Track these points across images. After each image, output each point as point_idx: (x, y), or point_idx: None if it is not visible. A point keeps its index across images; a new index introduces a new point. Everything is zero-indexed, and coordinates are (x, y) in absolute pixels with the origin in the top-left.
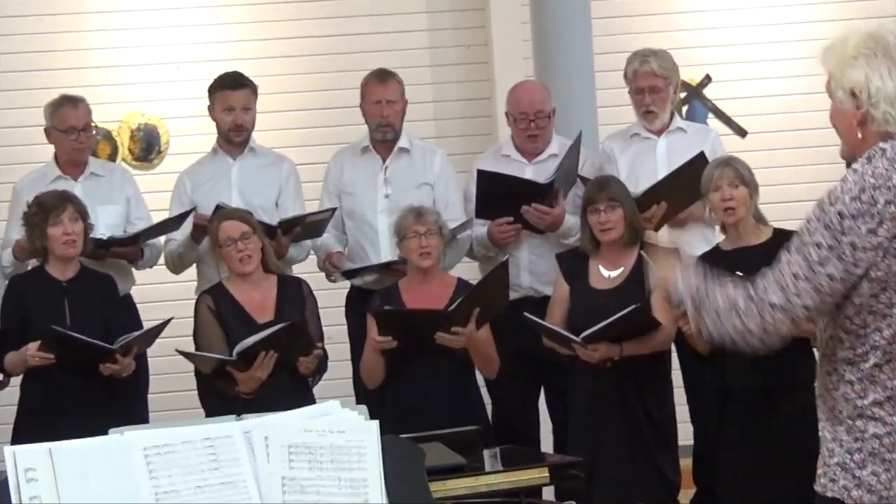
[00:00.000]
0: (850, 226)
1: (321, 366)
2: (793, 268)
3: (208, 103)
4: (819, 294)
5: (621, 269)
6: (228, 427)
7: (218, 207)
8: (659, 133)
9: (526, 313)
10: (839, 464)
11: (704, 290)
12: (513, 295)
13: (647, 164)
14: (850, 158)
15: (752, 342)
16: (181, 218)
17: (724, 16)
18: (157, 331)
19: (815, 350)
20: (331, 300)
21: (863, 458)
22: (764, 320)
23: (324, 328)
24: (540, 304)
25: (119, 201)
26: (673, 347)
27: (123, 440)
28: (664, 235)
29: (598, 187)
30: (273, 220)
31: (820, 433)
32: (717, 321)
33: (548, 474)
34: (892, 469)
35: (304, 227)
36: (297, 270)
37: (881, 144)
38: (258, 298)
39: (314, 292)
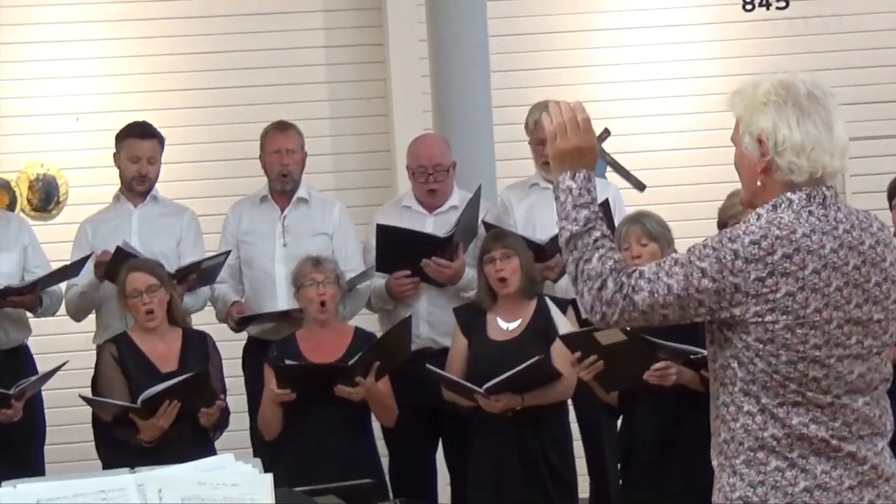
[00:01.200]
0: (740, 267)
1: (223, 420)
2: (671, 279)
3: (114, 150)
4: (683, 313)
5: (519, 320)
6: (122, 480)
7: (118, 249)
8: None
9: (428, 365)
10: (741, 497)
11: (588, 241)
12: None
13: (544, 213)
14: (748, 205)
15: (597, 320)
16: (80, 263)
17: (623, 70)
18: (51, 374)
19: None
20: (227, 352)
21: (765, 492)
22: (622, 316)
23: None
24: (438, 355)
25: (15, 250)
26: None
27: (17, 493)
28: (563, 284)
29: (494, 238)
30: (173, 268)
31: (715, 466)
32: (575, 273)
33: None
34: (795, 502)
35: (200, 274)
36: (196, 322)
37: (788, 195)
38: (162, 349)
39: None
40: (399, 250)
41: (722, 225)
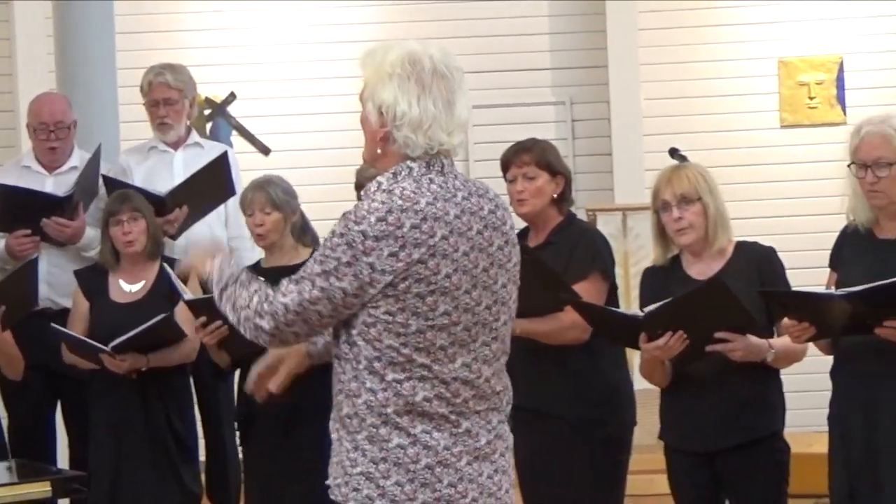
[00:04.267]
0: (371, 246)
1: None
2: (314, 276)
3: None
4: (332, 304)
5: (143, 282)
6: None
7: None
8: (175, 147)
9: (53, 325)
10: (363, 473)
11: (234, 287)
12: None
13: (164, 177)
14: (370, 163)
15: (257, 337)
16: None
17: (249, 34)
18: None
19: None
20: None
21: (388, 469)
22: (277, 321)
23: None
24: (58, 316)
25: None
26: None
27: None
28: (181, 242)
29: (122, 199)
30: None
31: (335, 440)
32: (235, 317)
33: (50, 488)
34: (417, 480)
35: None
36: None
37: (409, 163)
38: None
39: None
40: (18, 210)
41: (359, 187)
